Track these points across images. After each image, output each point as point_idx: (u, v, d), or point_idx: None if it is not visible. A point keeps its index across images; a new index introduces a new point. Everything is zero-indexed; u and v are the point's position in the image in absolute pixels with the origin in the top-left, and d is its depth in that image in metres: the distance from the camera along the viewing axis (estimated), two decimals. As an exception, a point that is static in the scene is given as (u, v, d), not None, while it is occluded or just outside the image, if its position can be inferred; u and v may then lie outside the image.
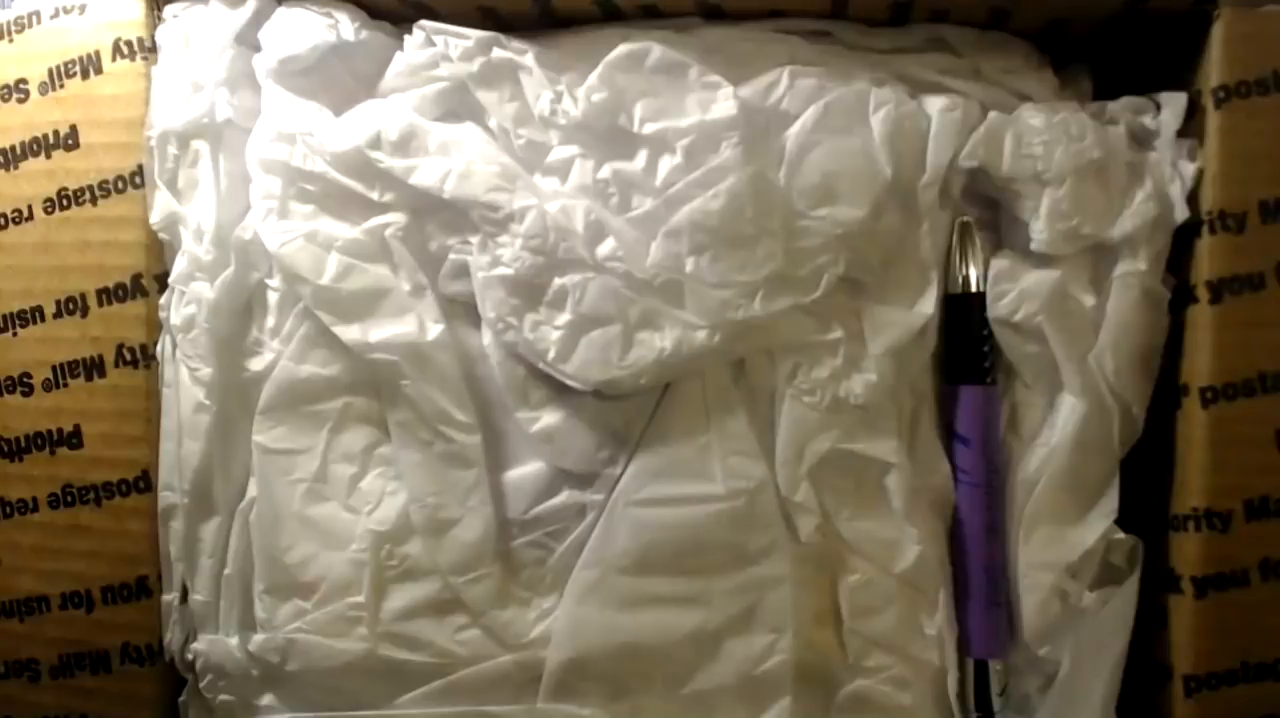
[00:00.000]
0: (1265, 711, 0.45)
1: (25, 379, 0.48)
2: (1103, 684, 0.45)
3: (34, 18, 0.48)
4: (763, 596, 0.46)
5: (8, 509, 0.48)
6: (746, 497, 0.46)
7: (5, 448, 0.48)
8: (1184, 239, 0.46)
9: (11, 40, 0.48)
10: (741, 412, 0.46)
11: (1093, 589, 0.46)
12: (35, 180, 0.48)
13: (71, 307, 0.48)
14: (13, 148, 0.48)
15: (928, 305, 0.45)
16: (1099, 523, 0.46)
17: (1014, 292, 0.46)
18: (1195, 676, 0.45)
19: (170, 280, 0.47)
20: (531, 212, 0.44)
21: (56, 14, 0.47)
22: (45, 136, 0.48)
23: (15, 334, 0.48)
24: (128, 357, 0.47)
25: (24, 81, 0.48)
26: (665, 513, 0.45)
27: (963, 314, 0.46)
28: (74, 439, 0.48)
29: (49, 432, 0.48)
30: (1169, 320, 0.46)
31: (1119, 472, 0.46)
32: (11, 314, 0.48)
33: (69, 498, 0.48)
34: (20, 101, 0.48)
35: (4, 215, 0.48)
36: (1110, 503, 0.46)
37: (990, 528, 0.46)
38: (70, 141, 0.47)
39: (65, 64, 0.47)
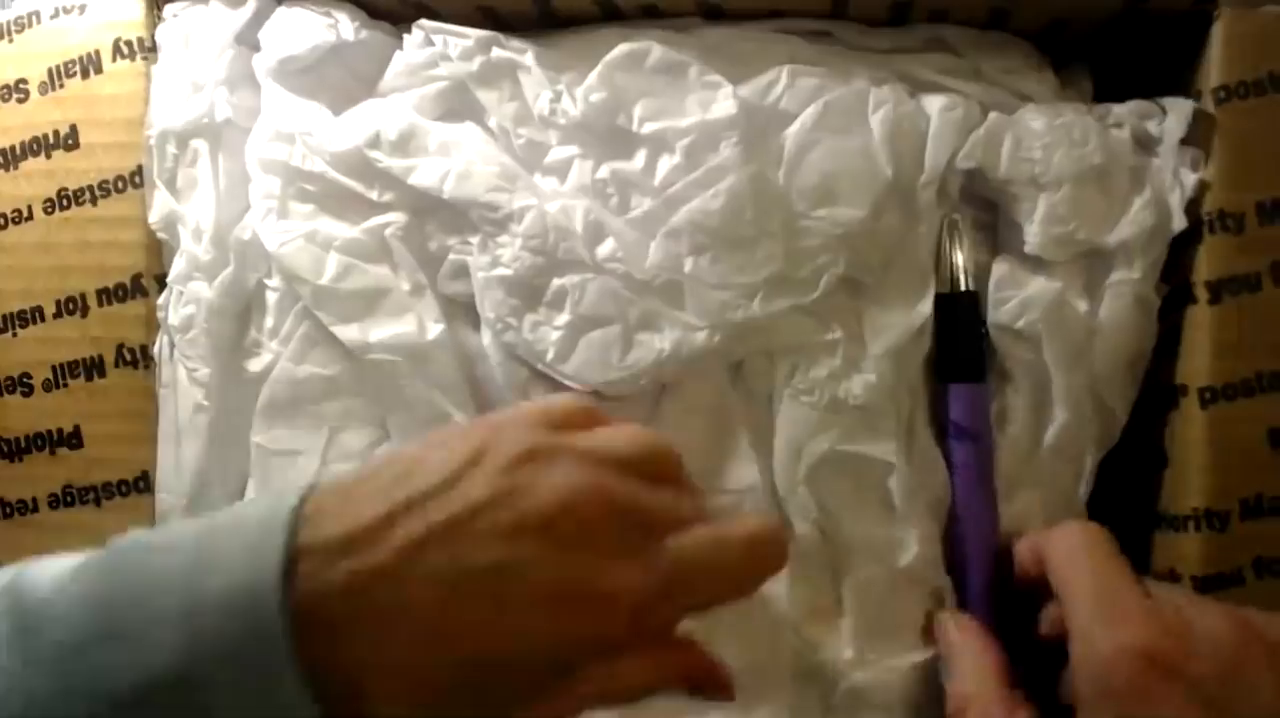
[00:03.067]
0: None
1: (25, 379, 0.48)
2: None
3: (34, 18, 0.48)
4: (762, 595, 0.45)
5: (8, 510, 0.48)
6: (746, 497, 0.46)
7: (5, 448, 0.48)
8: (1183, 239, 0.46)
9: (11, 40, 0.48)
10: (740, 412, 0.46)
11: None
12: (35, 180, 0.48)
13: (71, 307, 0.48)
14: (13, 148, 0.48)
15: (927, 306, 0.45)
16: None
17: (1016, 299, 0.46)
18: None
19: (169, 281, 0.47)
20: (531, 212, 0.44)
21: (56, 14, 0.47)
22: (45, 136, 0.48)
23: (15, 334, 0.48)
24: (127, 357, 0.47)
25: (24, 81, 0.48)
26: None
27: (952, 313, 0.46)
28: (74, 439, 0.48)
29: (49, 432, 0.48)
30: (1158, 327, 0.46)
31: (1110, 471, 0.47)
32: (12, 314, 0.48)
33: (69, 498, 0.48)
34: (20, 101, 0.48)
35: (4, 215, 0.48)
36: (1078, 503, 0.47)
37: (989, 522, 0.45)
38: (70, 142, 0.47)
39: (65, 64, 0.47)
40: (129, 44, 0.47)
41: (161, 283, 0.47)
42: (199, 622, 0.28)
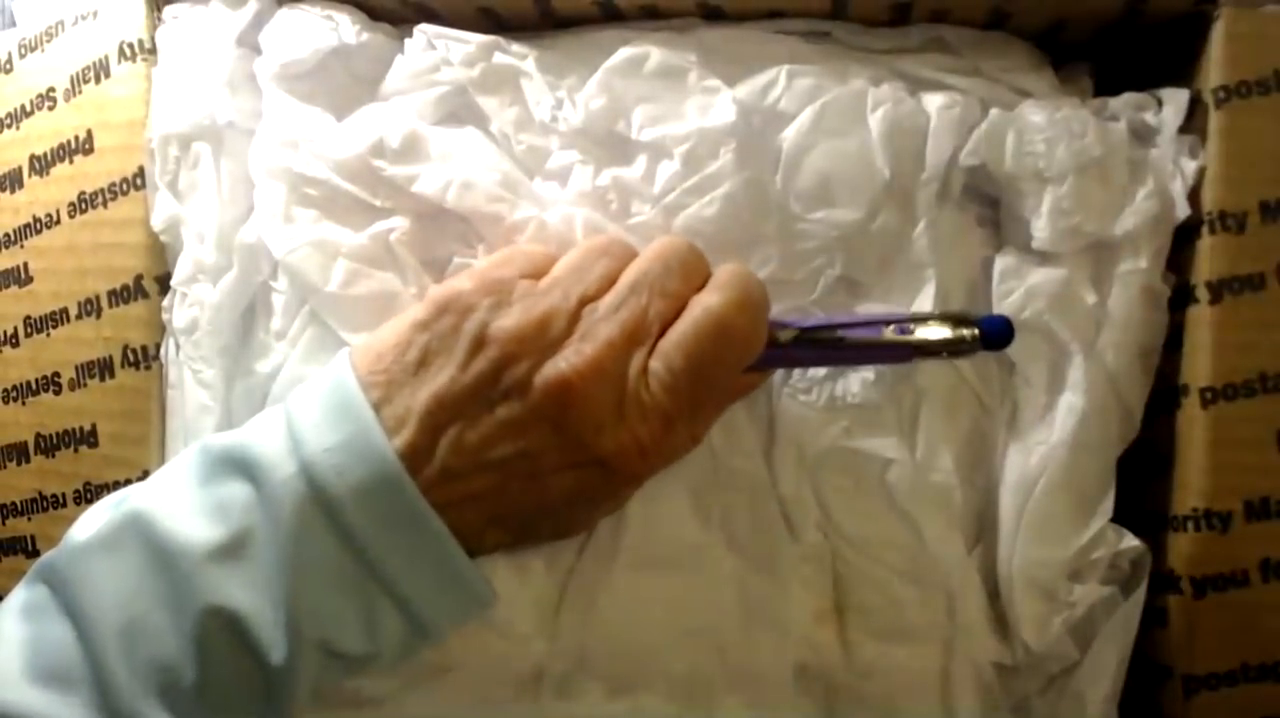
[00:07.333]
0: (1265, 711, 0.47)
1: (56, 379, 0.51)
2: (1103, 685, 0.46)
3: (59, 26, 0.51)
4: (763, 595, 0.47)
5: (44, 503, 0.52)
6: (746, 496, 0.47)
7: (42, 444, 0.52)
8: (1184, 239, 0.47)
9: (43, 51, 0.51)
10: (741, 411, 0.47)
11: (1093, 590, 0.46)
12: (62, 185, 0.51)
13: (89, 308, 0.50)
14: (45, 154, 0.51)
15: (925, 303, 0.47)
16: (1097, 523, 0.47)
17: (1020, 289, 0.47)
18: (1195, 676, 0.46)
19: (173, 283, 0.49)
20: (533, 222, 0.46)
21: (76, 21, 0.51)
22: (68, 142, 0.51)
23: (49, 335, 0.51)
24: (131, 358, 0.50)
25: (53, 90, 0.51)
26: (666, 512, 0.47)
27: None
28: (91, 438, 0.51)
29: (73, 430, 0.51)
30: (1168, 319, 0.48)
31: (1116, 471, 0.48)
32: (45, 315, 0.51)
33: (89, 494, 0.51)
34: (50, 109, 0.51)
35: (39, 220, 0.52)
36: (1108, 503, 0.47)
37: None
38: (87, 146, 0.50)
39: (82, 70, 0.50)
40: (131, 46, 0.50)
41: (163, 284, 0.50)
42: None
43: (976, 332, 0.44)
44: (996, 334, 0.44)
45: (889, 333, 0.43)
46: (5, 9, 0.56)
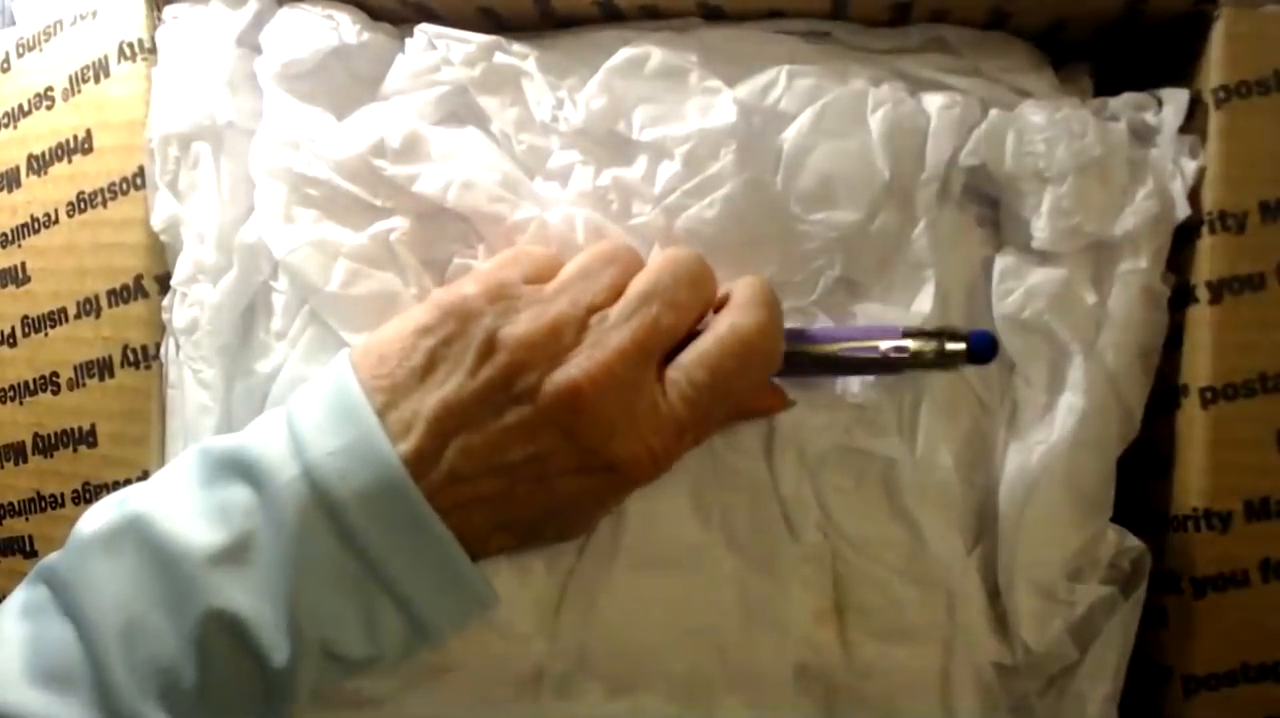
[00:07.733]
0: (1265, 711, 0.47)
1: (54, 379, 0.51)
2: (1103, 685, 0.47)
3: (58, 26, 0.51)
4: (763, 595, 0.47)
5: (43, 503, 0.52)
6: (746, 496, 0.47)
7: (40, 444, 0.52)
8: (1184, 239, 0.48)
9: (42, 50, 0.52)
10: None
11: (1093, 590, 0.46)
12: (60, 185, 0.51)
13: (88, 308, 0.51)
14: (43, 154, 0.51)
15: (925, 303, 0.47)
16: (1097, 523, 0.47)
17: (1020, 289, 0.47)
18: (1195, 676, 0.47)
19: (173, 283, 0.49)
20: (533, 222, 0.46)
21: (75, 21, 0.51)
22: (67, 142, 0.51)
23: (47, 335, 0.52)
24: (131, 358, 0.50)
25: (51, 89, 0.51)
26: (665, 512, 0.47)
27: None
28: (90, 438, 0.51)
29: (72, 430, 0.51)
30: (1168, 319, 0.48)
31: (1116, 471, 0.48)
32: (44, 315, 0.52)
33: (88, 495, 0.51)
34: (48, 109, 0.51)
35: (36, 219, 0.52)
36: (1108, 503, 0.48)
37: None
38: (86, 146, 0.51)
39: (81, 70, 0.51)
40: (131, 46, 0.50)
41: (163, 284, 0.50)
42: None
43: (964, 346, 0.44)
44: (982, 349, 0.45)
45: (882, 347, 0.44)
46: (4, 8, 0.56)
